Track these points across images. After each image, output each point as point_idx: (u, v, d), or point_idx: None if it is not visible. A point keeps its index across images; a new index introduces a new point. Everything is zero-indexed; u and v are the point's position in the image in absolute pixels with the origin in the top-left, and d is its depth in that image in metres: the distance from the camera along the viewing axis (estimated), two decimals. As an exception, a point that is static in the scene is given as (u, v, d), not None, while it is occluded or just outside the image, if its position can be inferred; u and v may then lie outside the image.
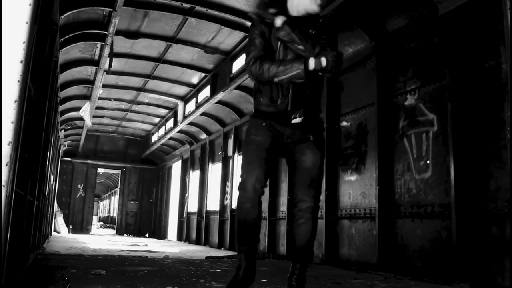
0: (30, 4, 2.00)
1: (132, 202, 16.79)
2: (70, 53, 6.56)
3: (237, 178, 9.06)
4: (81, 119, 9.96)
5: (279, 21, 2.38)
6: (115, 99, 11.44)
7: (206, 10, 6.41)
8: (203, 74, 9.15)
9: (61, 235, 12.96)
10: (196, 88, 9.92)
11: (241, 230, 2.38)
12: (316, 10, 2.46)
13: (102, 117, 13.22)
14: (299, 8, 2.46)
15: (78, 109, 9.27)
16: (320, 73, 2.36)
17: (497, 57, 3.58)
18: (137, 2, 6.32)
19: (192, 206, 11.98)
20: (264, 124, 2.43)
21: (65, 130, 11.72)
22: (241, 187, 2.36)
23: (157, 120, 13.40)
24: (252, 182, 2.33)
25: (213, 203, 10.43)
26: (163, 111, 12.38)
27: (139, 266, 4.31)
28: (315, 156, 2.44)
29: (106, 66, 7.07)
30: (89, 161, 16.02)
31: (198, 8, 6.39)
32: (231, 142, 9.41)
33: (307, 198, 2.43)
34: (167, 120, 12.72)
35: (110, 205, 36.59)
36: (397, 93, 4.72)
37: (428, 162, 4.22)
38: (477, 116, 3.71)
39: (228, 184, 9.40)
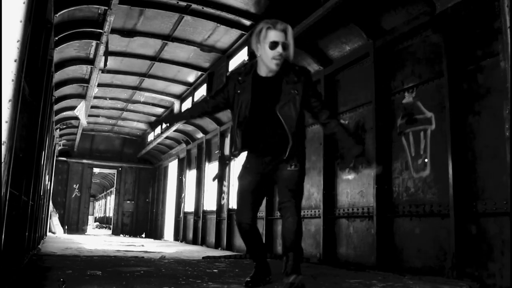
0: (24, 3, 1.97)
1: (128, 202, 16.73)
2: (65, 51, 6.51)
3: (234, 177, 9.03)
4: (76, 118, 9.90)
5: None
6: (111, 98, 11.39)
7: (202, 8, 6.39)
8: (199, 73, 9.12)
9: (57, 236, 12.90)
10: (193, 87, 9.89)
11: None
12: (274, 69, 2.75)
13: (98, 116, 13.16)
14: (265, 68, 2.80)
15: (73, 108, 9.21)
16: None
17: (494, 55, 3.57)
18: (133, 0, 6.29)
19: (189, 205, 11.94)
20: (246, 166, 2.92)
21: (60, 130, 11.65)
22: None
23: (153, 119, 13.35)
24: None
25: (210, 203, 10.40)
26: (159, 110, 12.34)
27: (136, 266, 4.28)
28: (290, 172, 2.78)
29: (102, 64, 7.03)
30: (84, 161, 15.95)
31: (194, 6, 6.36)
32: (227, 141, 9.37)
33: (287, 200, 2.76)
34: (163, 119, 12.66)
35: (106, 205, 36.47)
36: (395, 91, 4.71)
37: (426, 160, 4.21)
38: (475, 114, 3.70)
39: (225, 183, 9.35)
